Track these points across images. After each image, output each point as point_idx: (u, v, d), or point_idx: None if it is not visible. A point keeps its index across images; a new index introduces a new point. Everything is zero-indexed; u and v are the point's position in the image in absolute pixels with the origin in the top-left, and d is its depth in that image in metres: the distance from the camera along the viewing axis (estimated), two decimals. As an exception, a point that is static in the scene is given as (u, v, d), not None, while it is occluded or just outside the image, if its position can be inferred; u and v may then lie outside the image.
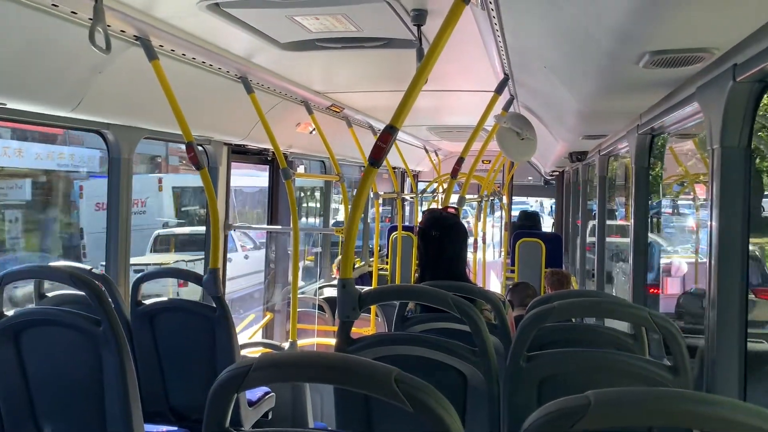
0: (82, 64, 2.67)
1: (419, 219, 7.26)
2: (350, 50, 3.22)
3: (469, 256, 5.01)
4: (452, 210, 2.80)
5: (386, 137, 1.80)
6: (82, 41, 2.46)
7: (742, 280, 1.91)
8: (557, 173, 9.59)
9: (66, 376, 2.21)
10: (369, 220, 8.18)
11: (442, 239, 2.67)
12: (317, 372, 1.01)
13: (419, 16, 2.47)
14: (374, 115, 5.57)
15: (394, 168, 7.04)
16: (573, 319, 3.10)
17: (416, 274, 2.80)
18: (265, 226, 5.67)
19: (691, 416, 0.83)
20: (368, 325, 5.17)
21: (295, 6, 2.50)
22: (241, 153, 4.96)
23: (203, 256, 4.60)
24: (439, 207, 3.24)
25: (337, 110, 4.89)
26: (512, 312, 4.10)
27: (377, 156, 1.80)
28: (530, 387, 1.85)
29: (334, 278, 6.82)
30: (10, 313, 2.22)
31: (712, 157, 1.92)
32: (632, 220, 3.34)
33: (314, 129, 4.68)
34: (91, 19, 2.37)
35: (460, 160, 3.27)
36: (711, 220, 1.97)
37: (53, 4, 2.23)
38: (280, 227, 5.41)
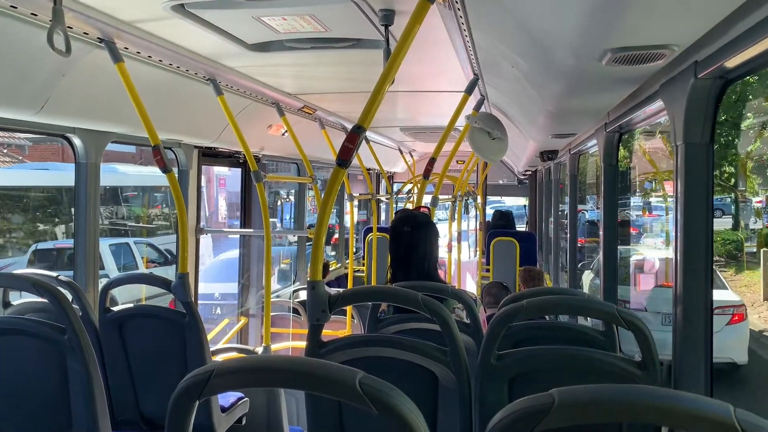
0: (45, 67, 2.62)
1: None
2: (319, 51, 3.20)
3: (444, 255, 5.02)
4: (424, 209, 2.80)
5: (353, 137, 1.79)
6: (44, 43, 2.41)
7: (707, 272, 1.94)
8: (530, 172, 9.68)
9: (31, 386, 2.16)
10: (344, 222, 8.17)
11: (413, 237, 2.67)
12: (281, 377, 0.99)
13: (387, 17, 2.46)
14: (347, 117, 5.55)
15: (368, 169, 7.03)
16: (547, 317, 3.12)
17: (389, 274, 2.80)
18: (238, 229, 5.62)
19: (654, 411, 0.84)
20: (344, 327, 5.15)
21: (262, 6, 2.47)
22: (211, 156, 4.91)
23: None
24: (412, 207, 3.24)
25: (310, 112, 4.86)
26: (484, 311, 4.13)
27: (345, 157, 1.79)
28: (501, 385, 1.85)
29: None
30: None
31: (676, 154, 1.94)
32: (602, 217, 3.38)
33: (286, 131, 4.65)
34: (51, 20, 2.33)
35: (432, 161, 3.27)
36: (676, 215, 2.00)
37: (12, 6, 2.18)
38: (252, 230, 5.37)
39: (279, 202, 11.27)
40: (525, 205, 16.46)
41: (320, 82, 4.33)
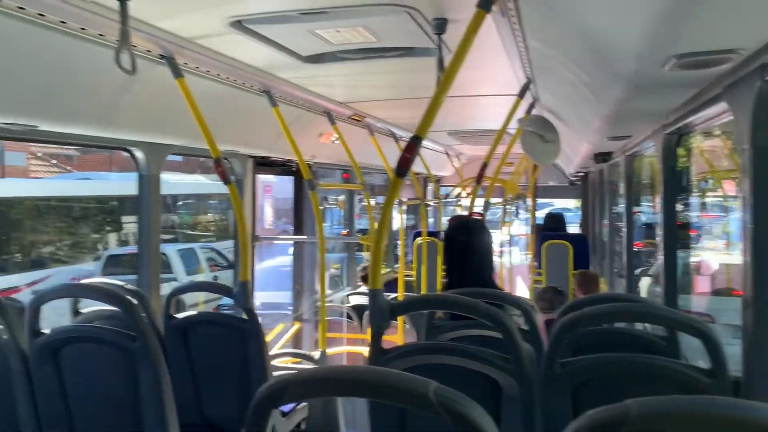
0: (111, 85, 2.73)
1: (443, 224, 7.28)
2: (370, 60, 3.24)
3: (496, 260, 4.99)
4: (478, 215, 2.80)
5: (411, 147, 1.81)
6: (110, 62, 2.51)
7: None
8: (582, 174, 9.51)
9: (103, 392, 2.25)
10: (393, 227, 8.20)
11: (467, 244, 2.67)
12: (355, 387, 1.02)
13: (440, 25, 2.48)
14: (395, 123, 5.59)
15: (416, 174, 7.04)
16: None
17: (444, 281, 2.81)
18: (291, 236, 5.71)
19: (739, 425, 0.82)
20: (396, 332, 5.17)
21: (317, 20, 2.52)
22: (265, 165, 5.01)
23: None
24: (465, 213, 3.24)
25: (359, 119, 4.91)
26: (542, 317, 4.08)
27: (403, 166, 1.81)
28: (565, 394, 1.84)
29: (360, 285, 6.83)
30: (47, 331, 2.27)
31: (743, 156, 1.89)
32: (661, 220, 3.30)
33: (337, 139, 4.71)
34: (118, 40, 2.43)
35: (485, 166, 3.26)
36: (744, 219, 1.94)
37: (81, 28, 2.29)
38: (305, 237, 5.45)
39: (323, 207, 11.40)
40: (571, 208, 16.18)
41: (369, 90, 4.37)
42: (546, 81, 3.13)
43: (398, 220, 5.58)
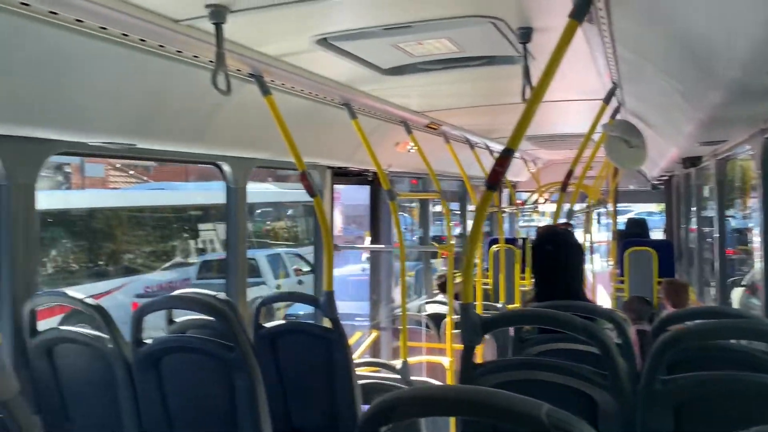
0: (203, 104, 2.85)
1: (519, 232, 7.17)
2: (450, 70, 3.24)
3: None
4: (566, 226, 2.74)
5: (503, 161, 1.80)
6: (203, 83, 2.63)
7: None
8: (666, 178, 9.14)
9: (201, 399, 2.34)
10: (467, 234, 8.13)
11: (556, 255, 2.62)
12: (467, 407, 1.01)
13: (525, 34, 2.45)
14: (471, 130, 5.56)
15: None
16: None
17: (522, 289, 2.76)
18: (370, 245, 5.77)
19: None
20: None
21: (400, 34, 2.55)
22: (342, 175, 5.09)
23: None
24: (551, 223, 3.18)
25: (435, 127, 4.92)
26: (632, 329, 3.94)
27: (495, 180, 1.80)
28: (666, 412, 1.77)
29: (436, 293, 6.82)
30: (149, 341, 2.38)
31: None
32: (761, 227, 3.13)
33: (413, 147, 4.74)
34: (211, 61, 2.54)
35: (570, 173, 3.19)
36: None
37: (178, 51, 2.40)
38: (383, 246, 5.49)
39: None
40: (654, 212, 15.54)
41: (446, 99, 4.37)
42: (633, 86, 3.04)
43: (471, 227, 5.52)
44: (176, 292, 2.91)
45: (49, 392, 2.55)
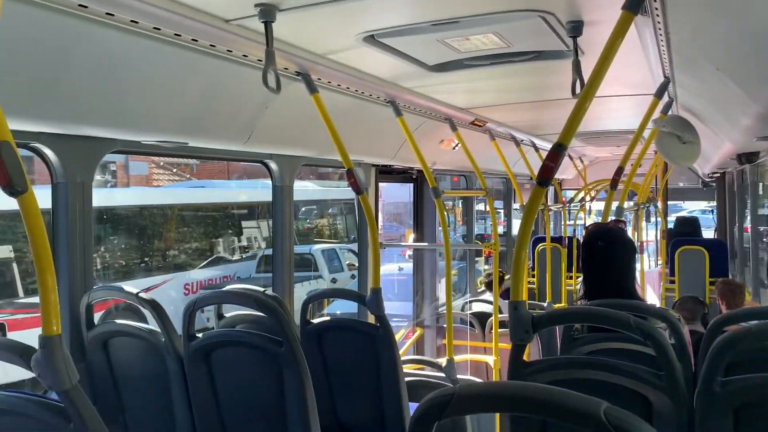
0: (251, 103, 2.89)
1: (567, 230, 7.05)
2: (496, 65, 3.21)
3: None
4: (618, 223, 2.68)
5: (554, 156, 1.76)
6: (252, 82, 2.66)
7: None
8: (717, 174, 8.86)
9: (251, 393, 2.37)
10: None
11: (608, 252, 2.56)
12: (524, 404, 1.00)
13: (575, 28, 2.41)
14: (516, 126, 5.49)
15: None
16: None
17: (568, 288, 2.71)
18: (414, 243, 5.77)
19: None
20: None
21: (447, 29, 2.53)
22: (387, 173, 5.10)
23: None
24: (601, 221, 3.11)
25: (480, 124, 4.88)
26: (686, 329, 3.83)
27: (546, 176, 1.76)
28: (725, 414, 1.71)
29: (482, 291, 6.76)
30: (200, 335, 2.43)
31: None
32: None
33: (457, 144, 4.71)
34: (260, 60, 2.57)
35: (620, 170, 3.12)
36: None
37: (227, 50, 2.44)
38: (428, 244, 5.48)
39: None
40: (705, 209, 15.06)
41: (491, 95, 4.33)
42: (687, 79, 2.95)
43: (516, 224, 5.47)
44: (227, 288, 2.96)
45: (105, 383, 2.63)
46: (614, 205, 3.40)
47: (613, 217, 3.17)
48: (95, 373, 2.64)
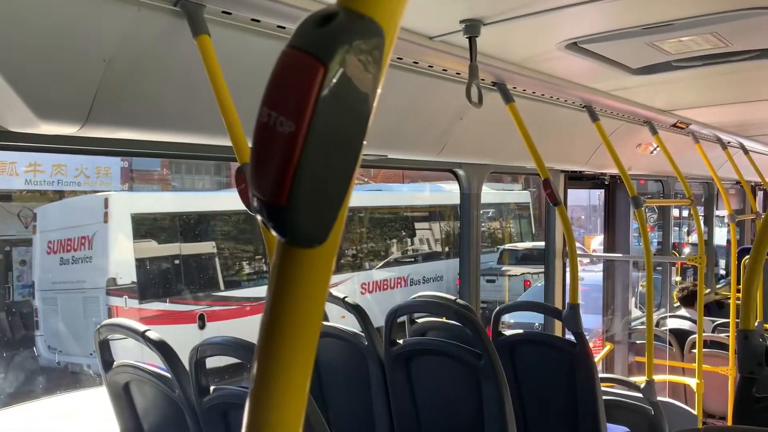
0: (448, 114, 2.94)
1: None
2: (708, 66, 2.95)
3: None
4: None
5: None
6: (449, 94, 2.71)
7: None
8: None
9: (449, 403, 2.41)
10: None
11: None
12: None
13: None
14: (723, 128, 5.02)
15: (748, 182, 6.18)
16: None
17: None
18: (605, 254, 5.49)
19: None
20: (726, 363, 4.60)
21: (659, 32, 2.37)
22: (575, 179, 4.91)
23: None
24: None
25: (683, 126, 4.52)
26: None
27: None
28: None
29: (677, 306, 6.25)
30: (401, 341, 2.52)
31: None
32: None
33: (656, 148, 4.41)
34: (458, 73, 2.61)
35: None
36: None
37: (429, 66, 2.51)
38: (621, 255, 5.18)
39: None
40: None
41: (697, 96, 4.00)
42: None
43: (732, 236, 4.94)
44: (422, 296, 3.03)
45: (312, 381, 2.82)
46: None
47: None
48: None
